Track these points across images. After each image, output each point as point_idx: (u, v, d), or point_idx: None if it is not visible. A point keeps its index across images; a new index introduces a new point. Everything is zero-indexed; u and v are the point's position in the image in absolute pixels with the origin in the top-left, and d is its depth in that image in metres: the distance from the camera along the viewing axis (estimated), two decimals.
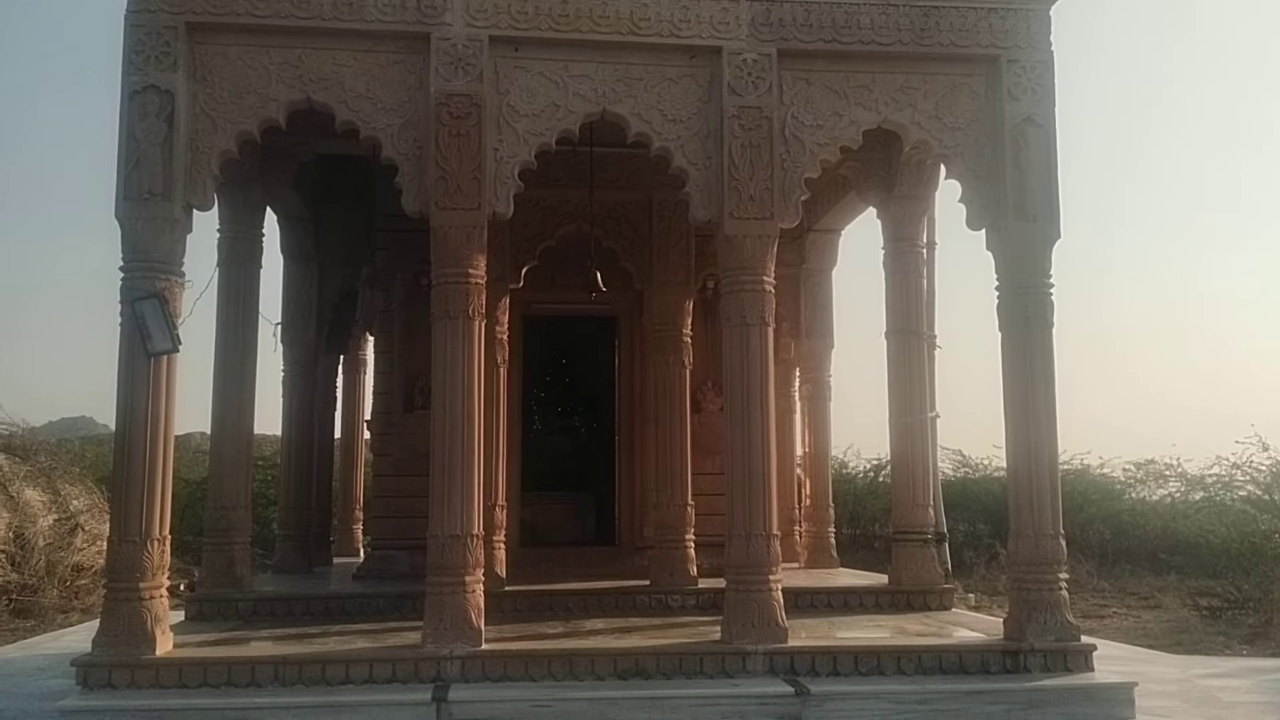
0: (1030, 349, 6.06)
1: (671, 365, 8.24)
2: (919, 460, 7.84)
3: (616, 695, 5.52)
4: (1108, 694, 5.68)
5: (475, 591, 5.79)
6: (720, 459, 6.87)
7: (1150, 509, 19.86)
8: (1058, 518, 6.01)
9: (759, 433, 5.96)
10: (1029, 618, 5.91)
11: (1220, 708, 8.38)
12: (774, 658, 5.80)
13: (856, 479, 21.90)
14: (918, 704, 5.58)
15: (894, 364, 7.87)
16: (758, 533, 5.91)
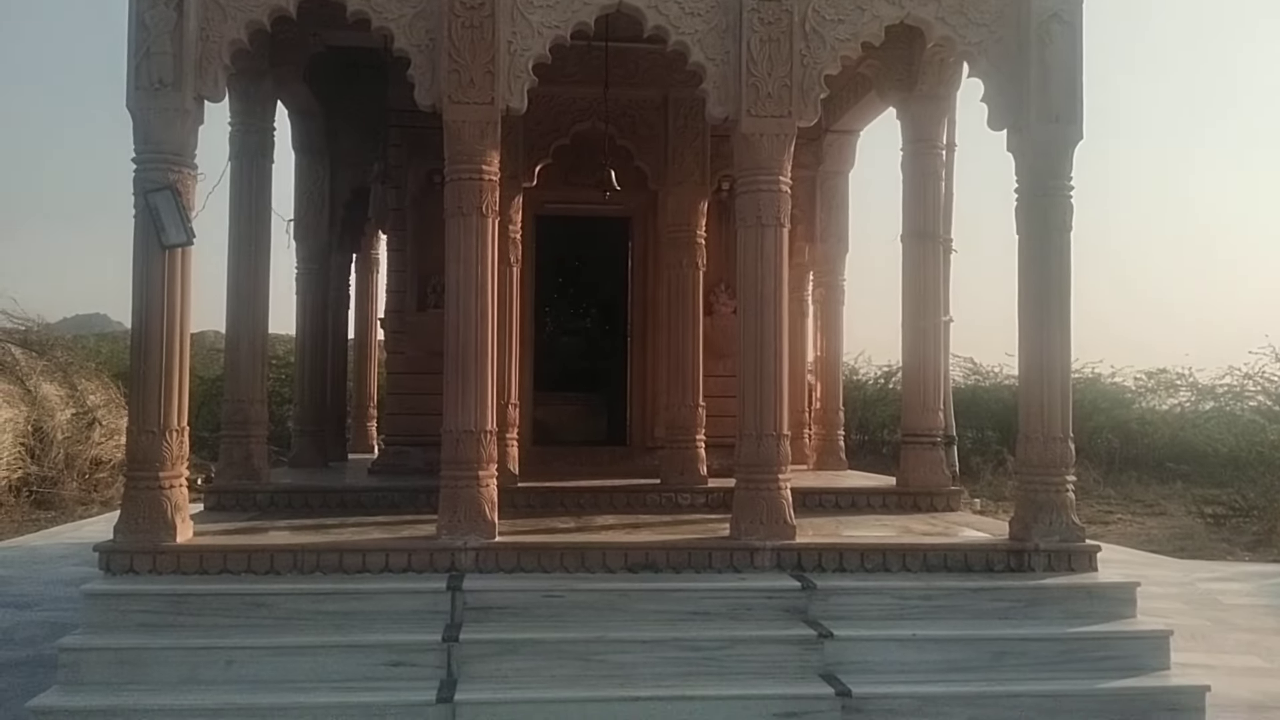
0: (1048, 253, 6.02)
1: (685, 267, 8.21)
2: (930, 364, 7.85)
3: (627, 587, 5.65)
4: (1110, 593, 5.77)
5: (489, 486, 5.88)
6: (731, 361, 6.89)
7: (1159, 418, 19.96)
8: (1067, 421, 6.04)
9: (771, 334, 5.97)
10: (1035, 518, 5.98)
11: (1220, 610, 8.55)
12: (781, 554, 5.90)
13: (866, 386, 22.02)
14: (921, 600, 5.69)
15: (909, 267, 7.82)
16: (768, 433, 5.96)
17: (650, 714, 5.02)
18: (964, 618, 5.67)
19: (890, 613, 5.67)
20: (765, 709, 5.08)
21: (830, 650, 5.38)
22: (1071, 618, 5.66)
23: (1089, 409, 17.61)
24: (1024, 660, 5.43)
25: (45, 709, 4.83)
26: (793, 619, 5.58)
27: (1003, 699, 5.20)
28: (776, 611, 5.62)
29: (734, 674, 5.28)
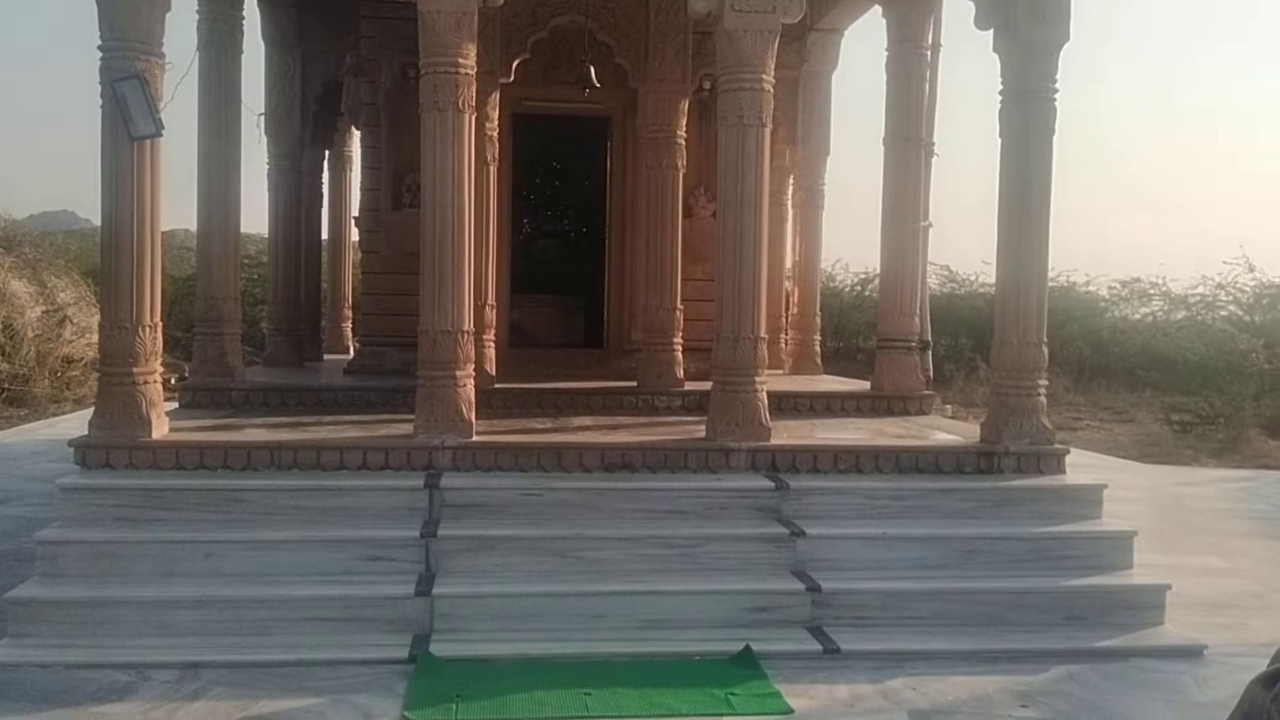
0: (1030, 156, 5.98)
1: (664, 168, 8.10)
2: (908, 268, 7.85)
3: (603, 486, 5.70)
4: (1076, 495, 5.89)
5: (466, 386, 5.88)
6: (710, 265, 6.87)
7: (1131, 327, 20.17)
8: (1042, 326, 6.08)
9: (750, 237, 5.93)
10: (1006, 421, 6.06)
11: (1184, 513, 8.76)
12: (756, 455, 5.96)
13: (843, 292, 22.08)
14: (892, 500, 5.79)
15: (890, 170, 7.76)
16: (745, 335, 5.96)
17: (625, 607, 5.12)
18: (934, 517, 5.77)
19: (862, 512, 5.76)
20: (737, 603, 5.19)
21: (802, 548, 5.48)
22: (1039, 518, 5.78)
23: (1062, 317, 17.73)
24: (991, 558, 5.56)
25: (24, 600, 4.86)
26: (766, 518, 5.67)
27: (969, 595, 5.33)
28: (750, 511, 5.71)
29: (708, 570, 5.37)
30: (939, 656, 4.92)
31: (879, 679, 4.64)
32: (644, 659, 4.78)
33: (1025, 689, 4.59)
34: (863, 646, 4.96)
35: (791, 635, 5.07)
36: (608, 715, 4.16)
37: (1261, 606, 6.01)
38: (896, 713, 4.30)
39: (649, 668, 4.67)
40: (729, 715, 4.20)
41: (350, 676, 4.53)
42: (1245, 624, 5.60)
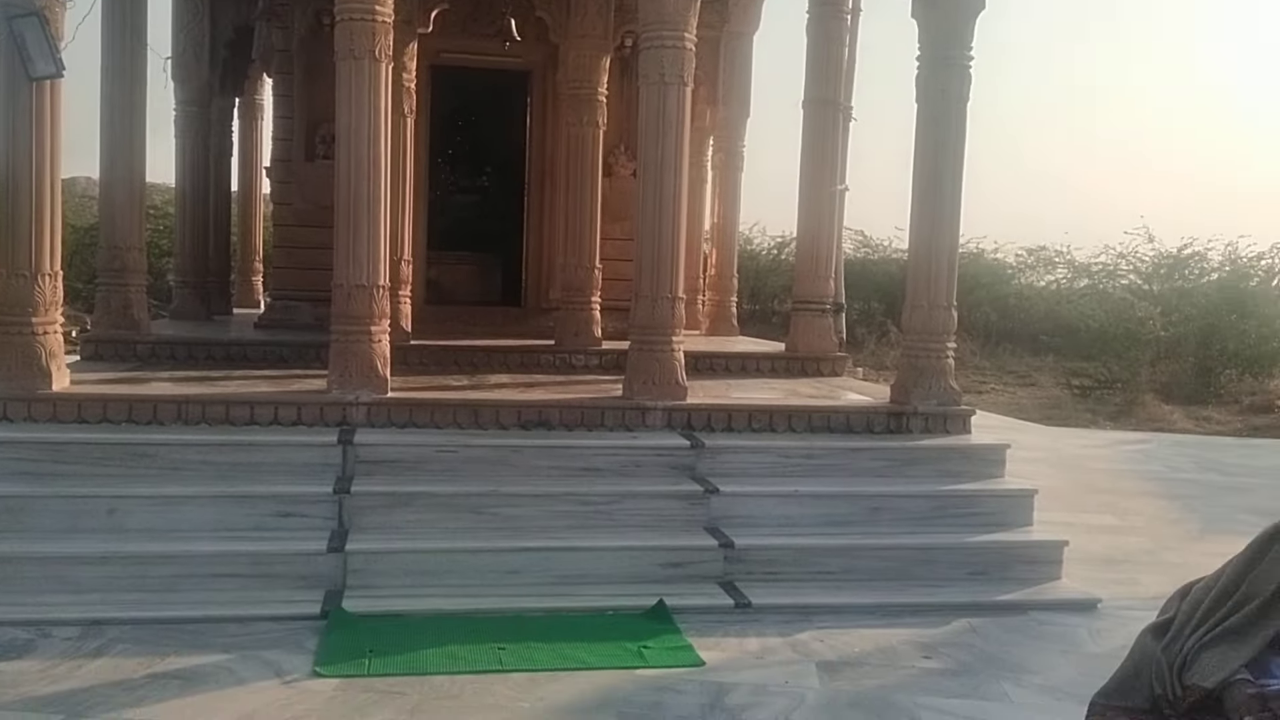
0: (945, 122, 6.08)
1: (585, 125, 8.04)
2: (824, 232, 7.95)
3: (520, 443, 5.70)
4: (981, 454, 6.07)
5: (381, 341, 5.81)
6: (629, 225, 6.86)
7: (1036, 294, 20.80)
8: (952, 290, 6.22)
9: (670, 196, 5.94)
10: (915, 382, 6.21)
11: (1082, 471, 9.12)
12: (672, 414, 6.01)
13: (761, 255, 22.27)
14: (804, 458, 5.90)
15: (808, 134, 7.82)
16: (663, 295, 5.99)
17: (540, 563, 5.15)
18: (844, 475, 5.90)
19: (774, 470, 5.86)
20: (651, 559, 5.25)
21: (716, 505, 5.56)
22: (945, 476, 5.95)
23: (971, 283, 18.16)
24: (898, 515, 5.71)
25: None
26: (681, 475, 5.73)
27: (877, 550, 5.48)
28: (665, 468, 5.77)
29: (622, 526, 5.43)
30: (847, 610, 5.05)
31: (788, 632, 4.75)
32: (558, 614, 4.82)
33: (929, 641, 4.75)
34: (773, 600, 5.07)
35: (704, 590, 5.16)
36: (521, 669, 4.20)
37: (1153, 562, 6.29)
38: (804, 664, 4.41)
39: (563, 622, 4.72)
40: (641, 668, 4.27)
41: (260, 632, 4.48)
42: (1137, 579, 5.86)
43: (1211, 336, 16.16)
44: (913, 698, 4.09)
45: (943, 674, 4.38)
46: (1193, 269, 18.99)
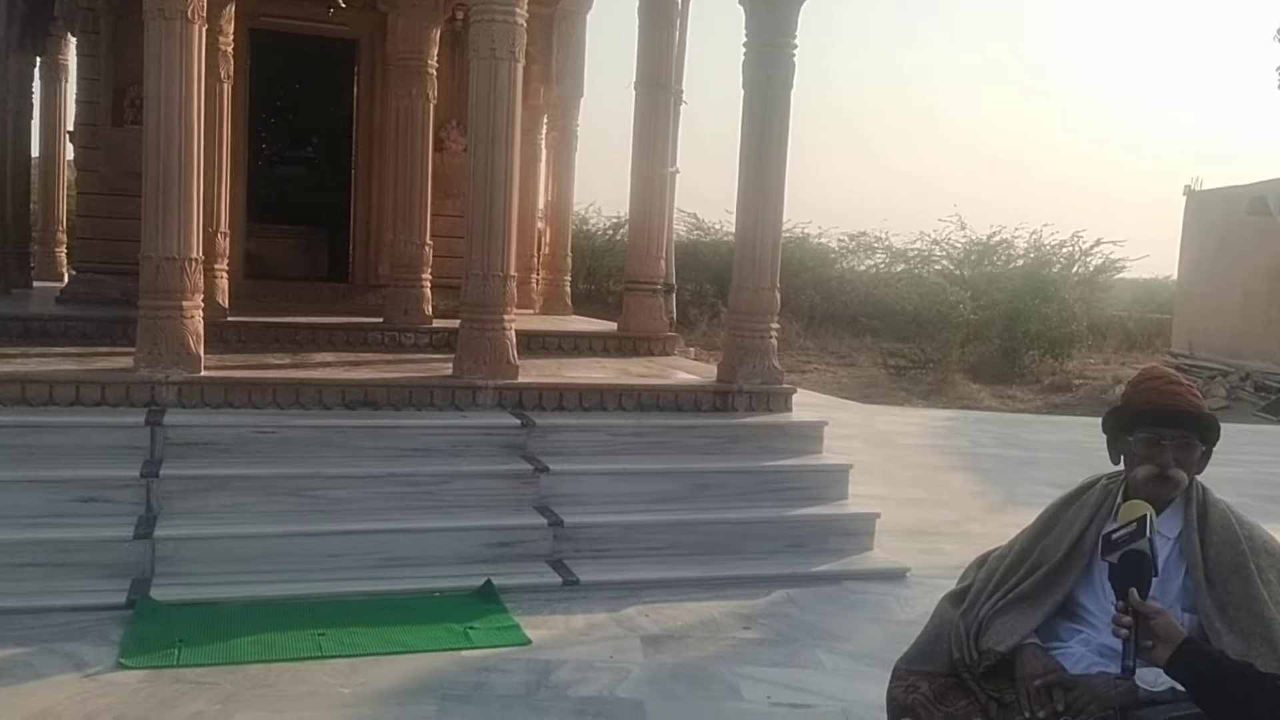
0: (769, 107, 6.23)
1: (415, 98, 7.87)
2: (656, 213, 8.04)
3: (344, 424, 5.56)
4: (801, 431, 6.28)
5: (194, 317, 5.55)
6: (461, 201, 6.77)
7: (857, 277, 21.67)
8: (775, 272, 6.40)
9: (502, 172, 5.88)
10: (740, 362, 6.37)
11: (893, 446, 9.56)
12: (503, 393, 5.98)
13: (596, 236, 22.35)
14: (633, 436, 5.97)
15: (640, 116, 7.87)
16: (495, 273, 5.93)
17: (364, 546, 5.04)
18: (672, 453, 6.00)
19: (604, 448, 5.91)
20: (480, 539, 5.22)
21: (546, 484, 5.57)
22: (767, 453, 6.12)
23: (796, 267, 18.75)
24: (723, 491, 5.85)
25: None
26: (511, 455, 5.71)
27: (701, 525, 5.60)
28: (496, 448, 5.73)
29: (451, 507, 5.36)
30: (672, 585, 5.15)
31: (615, 608, 4.81)
32: (382, 597, 4.74)
33: (749, 612, 4.90)
34: (601, 577, 5.12)
35: (533, 569, 5.17)
36: (341, 654, 4.10)
37: (958, 533, 6.65)
38: (630, 639, 4.48)
39: (387, 606, 4.64)
40: (467, 649, 4.24)
41: (61, 624, 4.23)
42: (943, 549, 6.19)
43: (1016, 320, 17.20)
44: (732, 668, 4.21)
45: (761, 644, 4.53)
46: (1000, 255, 20.14)
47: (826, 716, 3.82)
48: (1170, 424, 2.47)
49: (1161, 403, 2.49)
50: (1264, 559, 2.46)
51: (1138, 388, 2.57)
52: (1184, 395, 2.51)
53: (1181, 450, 2.48)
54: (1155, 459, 2.47)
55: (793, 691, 4.02)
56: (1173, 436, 2.47)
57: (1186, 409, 2.49)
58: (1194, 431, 2.49)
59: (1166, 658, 2.12)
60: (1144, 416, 2.50)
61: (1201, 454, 2.51)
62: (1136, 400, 2.54)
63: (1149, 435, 2.49)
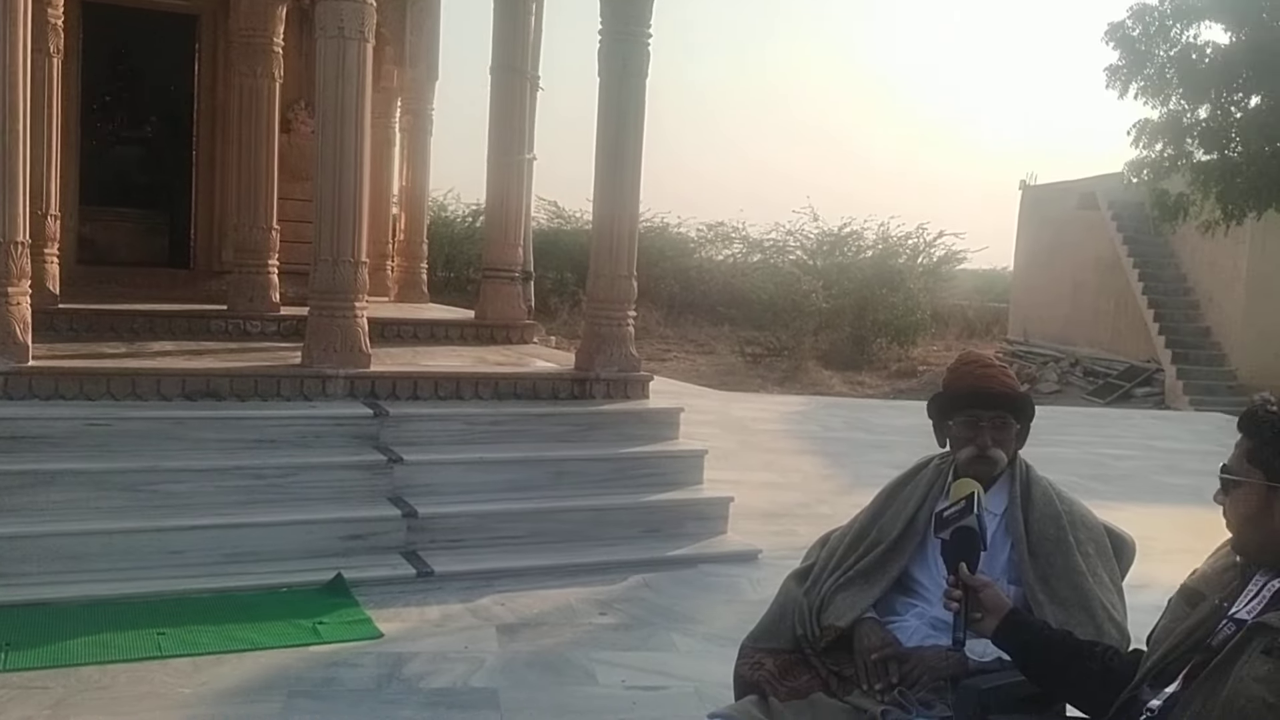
0: (625, 96, 6.26)
1: (260, 77, 7.59)
2: (513, 200, 7.98)
3: (184, 415, 5.34)
4: (657, 417, 6.35)
5: (20, 304, 5.22)
6: (310, 185, 6.57)
7: (715, 267, 22.02)
8: (632, 260, 6.44)
9: (352, 155, 5.73)
10: (598, 350, 6.39)
11: (748, 432, 9.76)
12: (355, 382, 5.84)
13: (455, 223, 22.08)
14: (490, 425, 5.92)
15: (496, 101, 7.80)
16: (345, 258, 5.79)
17: (208, 542, 4.86)
18: (529, 441, 5.98)
19: (460, 438, 5.84)
20: (331, 532, 5.09)
21: (400, 474, 5.47)
22: (624, 440, 6.17)
23: (656, 256, 18.95)
24: (580, 478, 5.86)
25: None
26: (363, 445, 5.59)
27: (559, 513, 5.61)
28: (347, 438, 5.60)
29: (300, 500, 5.22)
30: (529, 573, 5.15)
31: (470, 598, 4.78)
32: (228, 594, 4.58)
33: (605, 597, 4.94)
34: (456, 568, 5.07)
35: (386, 561, 5.08)
36: (183, 654, 3.95)
37: (808, 514, 6.84)
38: (485, 628, 4.46)
39: (232, 603, 4.49)
40: (316, 644, 4.14)
41: None
42: (794, 530, 6.35)
43: (865, 308, 17.81)
44: (588, 653, 4.24)
45: (617, 629, 4.57)
46: (850, 246, 20.79)
47: (680, 697, 3.88)
48: (986, 405, 2.61)
49: (976, 386, 2.62)
50: (1082, 532, 2.61)
51: (954, 374, 2.70)
52: (997, 378, 2.65)
53: (999, 430, 2.61)
54: (975, 440, 2.60)
55: (647, 674, 4.07)
56: (989, 418, 2.61)
57: (1000, 390, 2.63)
58: (1008, 411, 2.63)
59: (993, 628, 2.23)
60: (961, 401, 2.63)
61: (1018, 431, 2.66)
62: (954, 386, 2.67)
63: (967, 418, 2.61)
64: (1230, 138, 14.92)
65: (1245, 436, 1.93)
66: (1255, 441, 1.90)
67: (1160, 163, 15.58)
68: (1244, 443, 1.93)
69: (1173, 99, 15.28)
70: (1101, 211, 20.52)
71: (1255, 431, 1.91)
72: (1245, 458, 1.91)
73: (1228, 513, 1.96)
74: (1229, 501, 1.95)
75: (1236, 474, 1.92)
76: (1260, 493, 1.88)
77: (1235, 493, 1.93)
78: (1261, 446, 1.89)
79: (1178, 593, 2.08)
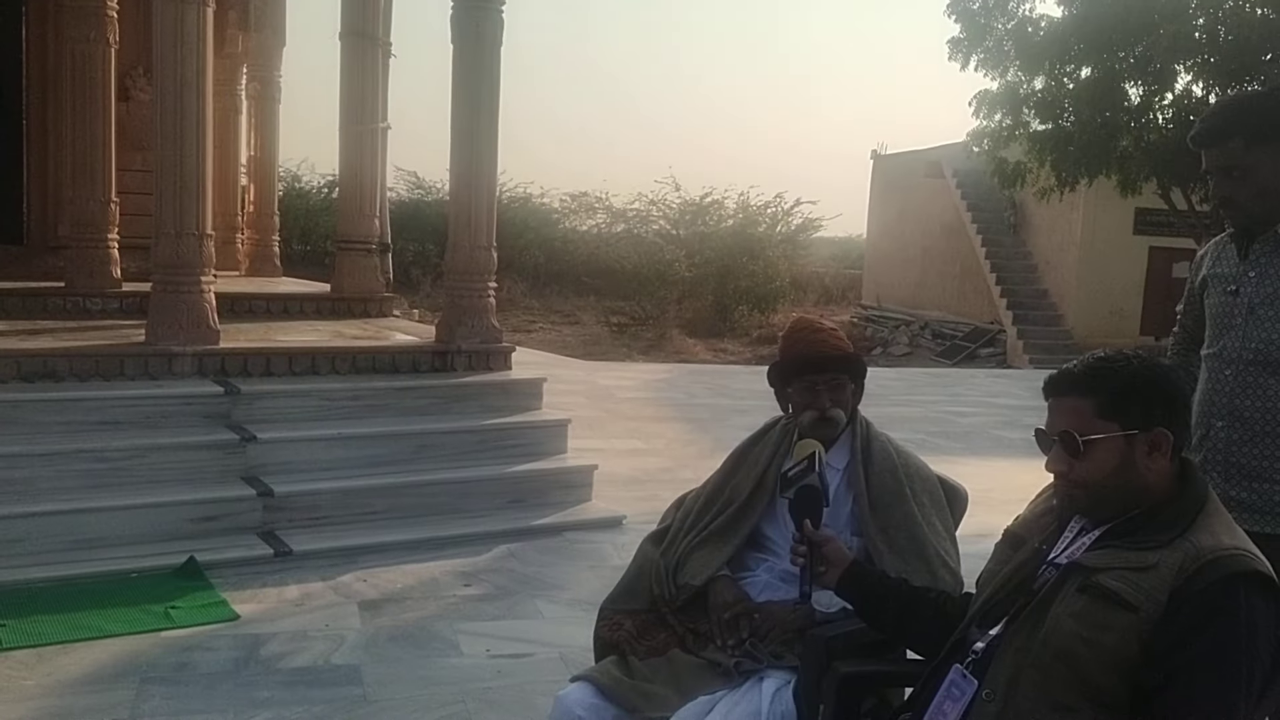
0: (480, 64, 6.18)
1: (93, 42, 7.20)
2: (367, 170, 7.81)
3: (20, 398, 5.07)
4: (521, 388, 6.36)
5: None
6: (150, 155, 6.29)
7: (580, 237, 22.01)
8: (491, 231, 6.40)
9: (193, 123, 5.52)
10: (459, 322, 6.35)
11: (613, 402, 9.86)
12: (204, 359, 5.66)
13: (310, 195, 21.46)
14: (349, 400, 5.82)
15: (346, 68, 7.60)
16: (189, 231, 5.58)
17: (50, 529, 4.65)
18: (390, 415, 5.91)
19: (317, 414, 5.73)
20: (181, 514, 4.94)
21: (254, 453, 5.34)
22: (487, 411, 6.16)
23: (520, 227, 18.84)
24: (443, 451, 5.83)
25: None
26: (215, 424, 5.43)
27: (421, 487, 5.57)
28: (197, 418, 5.43)
29: (148, 483, 5.03)
30: (392, 548, 5.11)
31: (331, 575, 4.72)
32: (73, 582, 4.41)
33: (470, 569, 4.95)
34: (316, 546, 5.00)
35: (242, 541, 4.96)
36: (26, 645, 3.79)
37: (671, 479, 6.95)
38: (347, 605, 4.41)
39: (78, 590, 4.32)
40: (169, 629, 4.03)
41: None
42: (657, 495, 6.42)
43: (727, 277, 18.12)
44: (452, 625, 4.24)
45: (481, 599, 4.59)
46: (712, 215, 21.08)
47: (544, 663, 3.93)
48: (821, 369, 2.71)
49: (810, 352, 2.72)
50: (918, 484, 2.75)
51: (788, 341, 2.79)
52: (829, 341, 2.75)
53: (835, 391, 2.72)
54: (814, 404, 2.70)
55: (512, 642, 4.11)
56: (825, 380, 2.71)
57: (832, 353, 2.74)
58: (843, 372, 2.74)
59: (836, 580, 2.33)
60: (797, 366, 2.73)
61: (853, 390, 2.77)
62: (789, 352, 2.76)
63: (804, 383, 2.71)
64: (1064, 108, 15.72)
65: (1083, 395, 1.92)
66: (1103, 397, 1.90)
67: (999, 132, 16.31)
68: (1082, 402, 1.91)
69: (1010, 70, 15.99)
70: (947, 179, 21.34)
71: (1101, 387, 1.91)
72: (1095, 414, 1.90)
73: (1080, 477, 1.92)
74: (1083, 465, 1.91)
75: (1089, 433, 1.89)
76: (1119, 445, 1.89)
77: (1091, 454, 1.90)
78: (1115, 399, 1.89)
79: (1002, 537, 2.21)
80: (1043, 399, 2.02)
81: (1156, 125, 15.66)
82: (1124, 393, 1.91)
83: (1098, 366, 1.95)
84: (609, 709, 2.46)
